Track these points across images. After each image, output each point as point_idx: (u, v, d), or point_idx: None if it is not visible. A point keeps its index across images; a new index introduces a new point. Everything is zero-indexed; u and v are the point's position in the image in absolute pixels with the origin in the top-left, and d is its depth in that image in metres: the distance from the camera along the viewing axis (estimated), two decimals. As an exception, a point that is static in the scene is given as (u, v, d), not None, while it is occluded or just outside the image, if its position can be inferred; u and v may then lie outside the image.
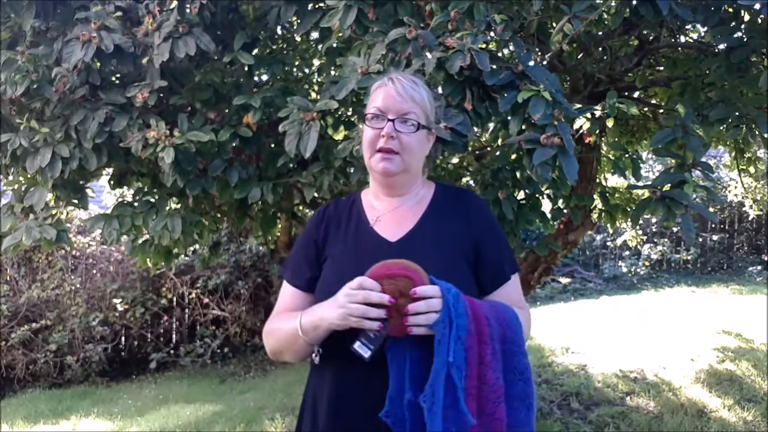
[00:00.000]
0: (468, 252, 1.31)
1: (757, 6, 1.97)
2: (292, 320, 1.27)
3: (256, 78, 2.74)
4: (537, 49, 2.52)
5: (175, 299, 6.74)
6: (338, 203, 1.45)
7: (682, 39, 2.95)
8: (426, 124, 1.34)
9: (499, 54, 2.04)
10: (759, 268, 9.75)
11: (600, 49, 2.75)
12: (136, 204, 2.59)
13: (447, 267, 1.27)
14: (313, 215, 1.46)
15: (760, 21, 2.06)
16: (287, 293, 1.42)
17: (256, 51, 2.58)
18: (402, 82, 1.32)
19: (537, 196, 2.62)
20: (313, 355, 1.29)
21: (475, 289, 1.32)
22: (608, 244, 10.21)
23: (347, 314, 1.14)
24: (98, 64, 2.21)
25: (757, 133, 2.06)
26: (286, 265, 1.47)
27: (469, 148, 3.06)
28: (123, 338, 6.67)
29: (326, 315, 1.19)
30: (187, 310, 6.72)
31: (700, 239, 10.03)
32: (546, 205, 2.77)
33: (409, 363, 1.14)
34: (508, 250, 1.41)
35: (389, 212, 1.36)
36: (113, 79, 2.43)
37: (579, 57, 2.77)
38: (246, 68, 2.42)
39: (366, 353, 1.12)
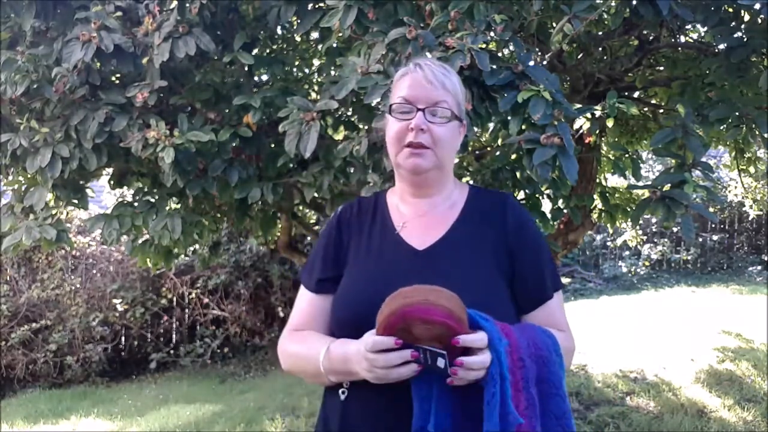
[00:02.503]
0: (504, 264, 1.15)
1: (757, 6, 1.97)
2: (313, 352, 1.14)
3: (256, 78, 2.74)
4: (537, 49, 2.52)
5: (175, 299, 6.74)
6: (361, 203, 1.31)
7: (682, 39, 2.95)
8: (459, 115, 1.19)
9: (499, 54, 2.04)
10: (759, 268, 9.74)
11: (600, 49, 2.75)
12: (136, 204, 2.59)
13: (480, 282, 1.13)
14: (336, 214, 1.31)
15: (760, 21, 2.06)
16: (304, 300, 1.27)
17: (256, 51, 2.58)
18: (431, 67, 1.17)
19: (537, 196, 2.61)
20: (340, 391, 1.14)
21: (512, 307, 1.17)
22: (608, 244, 10.20)
23: (377, 378, 1.02)
24: (98, 64, 2.21)
25: (757, 133, 2.05)
26: (304, 269, 1.32)
27: (469, 148, 3.06)
28: (123, 338, 6.68)
29: (356, 369, 1.06)
30: (187, 310, 6.72)
31: (700, 239, 10.02)
32: (546, 205, 2.77)
33: (436, 396, 1.02)
34: (551, 262, 1.22)
35: (417, 217, 1.22)
36: (113, 79, 2.43)
37: (579, 57, 2.77)
38: (246, 68, 2.42)
39: (442, 364, 0.99)
